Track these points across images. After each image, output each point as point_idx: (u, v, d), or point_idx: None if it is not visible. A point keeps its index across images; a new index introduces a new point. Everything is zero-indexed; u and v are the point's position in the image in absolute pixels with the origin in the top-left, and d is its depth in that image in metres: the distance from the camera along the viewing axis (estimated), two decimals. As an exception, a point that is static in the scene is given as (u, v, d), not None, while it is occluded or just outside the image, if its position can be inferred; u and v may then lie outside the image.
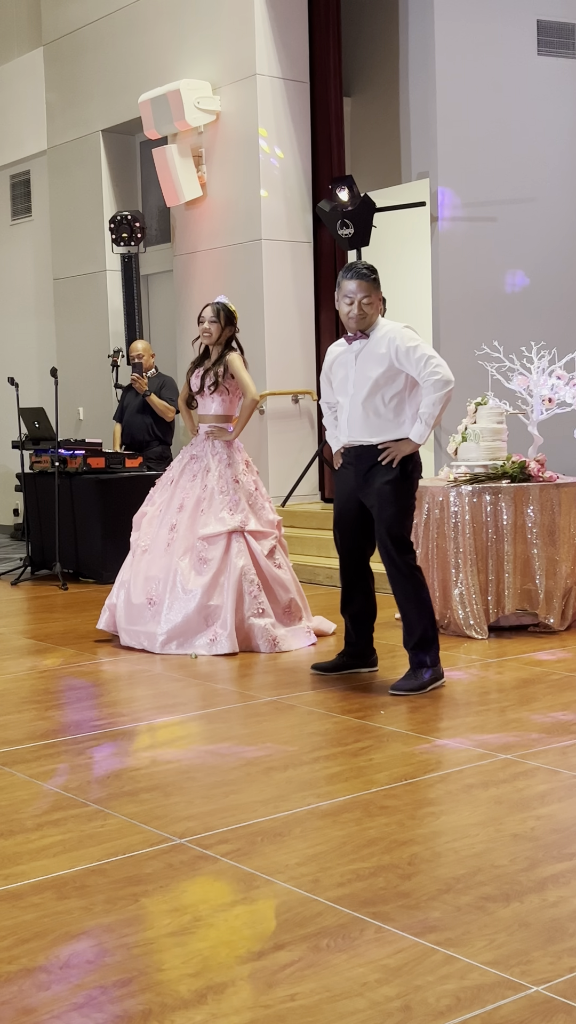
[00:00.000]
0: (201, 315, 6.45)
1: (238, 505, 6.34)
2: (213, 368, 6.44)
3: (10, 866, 3.38)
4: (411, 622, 5.34)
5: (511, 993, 2.57)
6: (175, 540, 6.34)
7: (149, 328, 11.33)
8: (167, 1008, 2.54)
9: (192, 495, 6.40)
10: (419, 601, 5.33)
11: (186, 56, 10.16)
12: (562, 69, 10.06)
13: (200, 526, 6.30)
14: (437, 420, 5.22)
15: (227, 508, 6.32)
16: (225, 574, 6.23)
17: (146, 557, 6.42)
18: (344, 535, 5.50)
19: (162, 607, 6.26)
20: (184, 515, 6.37)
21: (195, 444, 6.57)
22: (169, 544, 6.36)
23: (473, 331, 9.18)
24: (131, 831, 3.63)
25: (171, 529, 6.39)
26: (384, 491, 5.27)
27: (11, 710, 5.19)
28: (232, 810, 3.79)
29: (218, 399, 6.46)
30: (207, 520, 6.30)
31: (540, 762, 4.20)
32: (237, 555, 6.24)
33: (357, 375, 5.32)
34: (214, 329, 6.41)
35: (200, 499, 6.37)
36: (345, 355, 5.40)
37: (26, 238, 12.63)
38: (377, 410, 5.27)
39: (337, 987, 2.62)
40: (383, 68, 10.04)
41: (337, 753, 4.39)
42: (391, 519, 5.27)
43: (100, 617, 6.64)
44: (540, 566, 6.47)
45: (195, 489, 6.41)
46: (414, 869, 3.27)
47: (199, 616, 6.18)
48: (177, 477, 6.54)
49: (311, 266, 9.96)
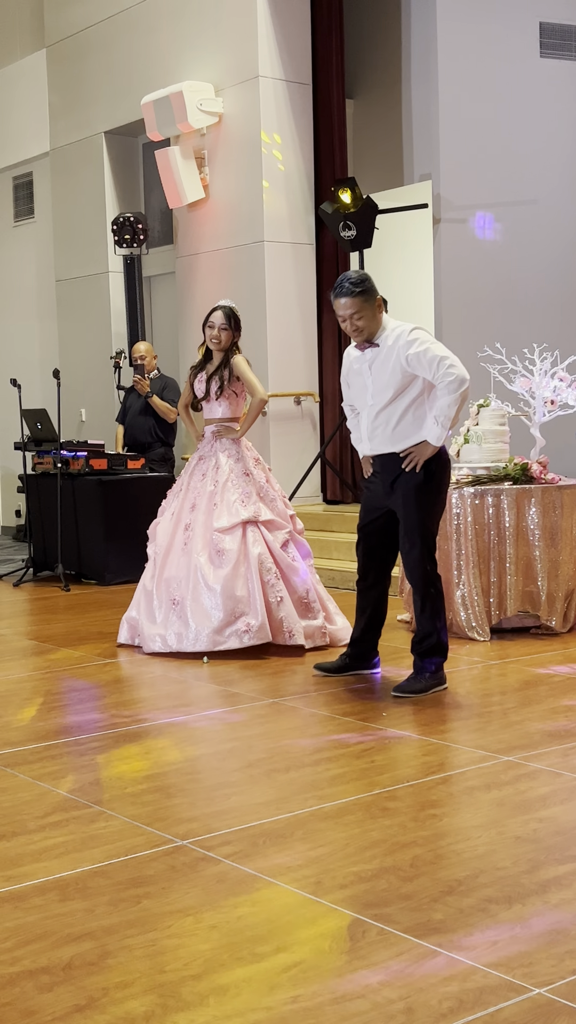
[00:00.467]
0: (211, 320, 6.37)
1: (250, 497, 6.30)
2: (218, 373, 6.42)
3: (12, 868, 3.38)
4: (424, 628, 5.33)
5: (513, 995, 2.57)
6: (192, 539, 6.29)
7: (151, 330, 11.34)
8: (169, 1010, 2.55)
9: (204, 493, 6.36)
10: (432, 608, 5.32)
11: (189, 58, 10.17)
12: (564, 71, 10.06)
13: (214, 520, 6.27)
14: (454, 420, 5.17)
15: (239, 500, 6.28)
16: (245, 564, 6.16)
17: (168, 560, 6.36)
18: (368, 540, 5.48)
19: (187, 606, 6.20)
20: (198, 513, 6.33)
21: (202, 447, 6.55)
22: (186, 543, 6.31)
23: (475, 333, 9.18)
24: (133, 833, 3.63)
25: (186, 529, 6.35)
26: (410, 496, 5.24)
27: (13, 711, 5.19)
28: (234, 812, 3.79)
29: (224, 403, 6.45)
30: (220, 513, 6.27)
31: (542, 764, 4.20)
32: (253, 544, 6.20)
33: (374, 385, 5.28)
34: (224, 336, 6.37)
35: (212, 494, 6.33)
36: (359, 362, 5.36)
37: (29, 240, 12.64)
38: (397, 419, 5.23)
39: (339, 989, 2.62)
40: (385, 70, 10.05)
41: (339, 755, 4.39)
42: (414, 520, 5.25)
43: (120, 632, 6.57)
44: (542, 568, 6.47)
45: (206, 487, 6.38)
46: (416, 871, 3.26)
47: (227, 608, 6.10)
48: (187, 480, 6.51)
49: (313, 268, 9.97)
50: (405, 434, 5.25)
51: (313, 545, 8.90)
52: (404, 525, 5.29)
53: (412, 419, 5.23)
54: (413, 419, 5.23)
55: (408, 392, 5.22)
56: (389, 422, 5.25)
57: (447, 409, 5.12)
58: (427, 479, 5.24)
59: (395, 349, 5.19)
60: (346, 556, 8.56)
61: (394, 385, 5.21)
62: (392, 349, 5.20)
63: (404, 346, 5.16)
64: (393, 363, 5.20)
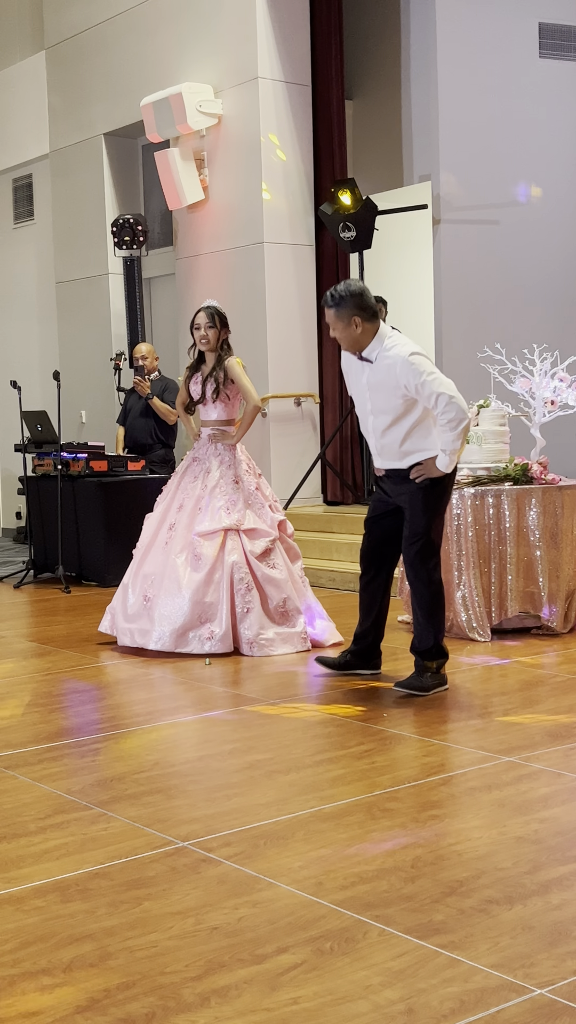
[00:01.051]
0: (196, 321, 6.44)
1: (236, 505, 6.35)
2: (213, 375, 6.43)
3: (13, 869, 3.37)
4: (422, 630, 5.34)
5: (515, 996, 2.56)
6: (173, 538, 6.38)
7: (151, 331, 11.34)
8: (170, 1011, 2.54)
9: (192, 495, 6.43)
10: (433, 610, 5.33)
11: (188, 59, 10.17)
12: (564, 71, 10.07)
13: (197, 524, 6.32)
14: (460, 451, 5.22)
15: (224, 507, 6.33)
16: (220, 571, 6.23)
17: (147, 556, 6.46)
18: (374, 527, 5.51)
19: (156, 603, 6.28)
20: (183, 514, 6.41)
21: (197, 448, 6.59)
22: (167, 543, 6.40)
23: (475, 333, 9.18)
24: (134, 834, 3.63)
25: (170, 528, 6.43)
26: (417, 498, 5.27)
27: (14, 712, 5.19)
28: (235, 813, 3.79)
29: (220, 406, 6.47)
30: (203, 518, 6.32)
31: (543, 765, 4.20)
32: (230, 552, 6.25)
33: (373, 404, 5.29)
34: (211, 334, 6.40)
35: (199, 498, 6.40)
36: (356, 370, 5.35)
37: (28, 242, 12.64)
38: (403, 438, 5.24)
39: (340, 990, 2.61)
40: (385, 71, 10.05)
41: (340, 756, 4.39)
42: (420, 524, 5.27)
43: (103, 619, 6.65)
44: (543, 568, 6.47)
45: (195, 489, 6.44)
46: (417, 872, 3.26)
47: (193, 613, 6.19)
48: (179, 480, 6.57)
49: (313, 269, 9.97)
50: (410, 452, 5.28)
51: (313, 546, 8.92)
52: (410, 526, 5.31)
53: (418, 436, 5.26)
54: (419, 436, 5.25)
55: (410, 415, 5.22)
56: (396, 442, 5.27)
57: (452, 444, 5.16)
58: (434, 483, 5.26)
59: (393, 373, 5.16)
60: (346, 557, 8.56)
61: (395, 409, 5.22)
62: (390, 372, 5.17)
63: (402, 373, 5.13)
64: (391, 387, 5.19)
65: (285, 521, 6.53)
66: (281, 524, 6.48)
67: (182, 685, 5.67)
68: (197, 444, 6.59)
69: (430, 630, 5.32)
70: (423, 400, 5.14)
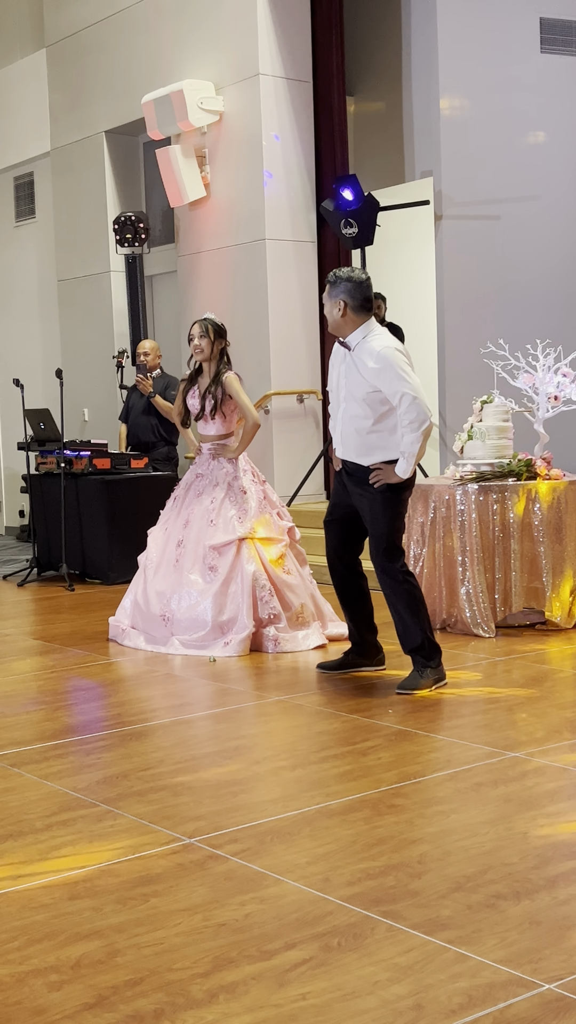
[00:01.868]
0: (190, 333, 6.48)
1: (247, 514, 6.38)
2: (211, 390, 6.44)
3: (21, 867, 3.38)
4: (407, 627, 5.33)
5: (523, 991, 2.57)
6: (183, 555, 6.38)
7: (153, 329, 11.33)
8: (178, 1008, 2.54)
9: (199, 510, 6.43)
10: (413, 607, 5.32)
11: (189, 56, 10.16)
12: (565, 67, 10.05)
13: (208, 537, 6.33)
14: (419, 455, 5.17)
15: (236, 517, 6.35)
16: (236, 582, 6.24)
17: (158, 574, 6.45)
18: (331, 532, 5.52)
19: (174, 622, 6.30)
20: (191, 530, 6.41)
21: (199, 463, 6.60)
22: (178, 560, 6.40)
23: (478, 329, 9.17)
24: (141, 831, 3.63)
25: (178, 545, 6.43)
26: (376, 503, 5.26)
27: (19, 711, 5.20)
28: (241, 810, 3.79)
29: (218, 421, 6.49)
30: (216, 531, 6.33)
31: (549, 760, 4.19)
32: (248, 561, 6.26)
33: (346, 390, 5.30)
34: (205, 344, 6.42)
35: (208, 511, 6.40)
36: (339, 358, 5.38)
37: (30, 240, 12.64)
38: (367, 431, 5.23)
39: (348, 986, 2.61)
40: (386, 67, 10.04)
41: (346, 752, 4.39)
42: (382, 528, 5.27)
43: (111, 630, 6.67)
44: (547, 564, 6.46)
45: (202, 504, 6.45)
46: (424, 868, 3.26)
47: (213, 630, 6.20)
48: (183, 496, 6.57)
49: (315, 265, 9.96)
50: (373, 447, 5.25)
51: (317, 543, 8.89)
52: (370, 531, 5.32)
53: (382, 433, 5.23)
54: (383, 433, 5.23)
55: (377, 405, 5.20)
56: (359, 433, 5.25)
57: (411, 446, 5.14)
58: (390, 488, 5.24)
59: (370, 361, 5.16)
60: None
61: (362, 397, 5.21)
62: (366, 360, 5.18)
63: (379, 366, 5.13)
64: (360, 376, 5.21)
65: (293, 528, 6.54)
66: (290, 531, 6.50)
67: (187, 682, 5.67)
68: (199, 459, 6.59)
69: (417, 627, 5.31)
70: (388, 395, 5.13)
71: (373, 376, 5.15)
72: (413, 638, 5.32)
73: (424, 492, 6.66)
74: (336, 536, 5.50)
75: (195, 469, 6.61)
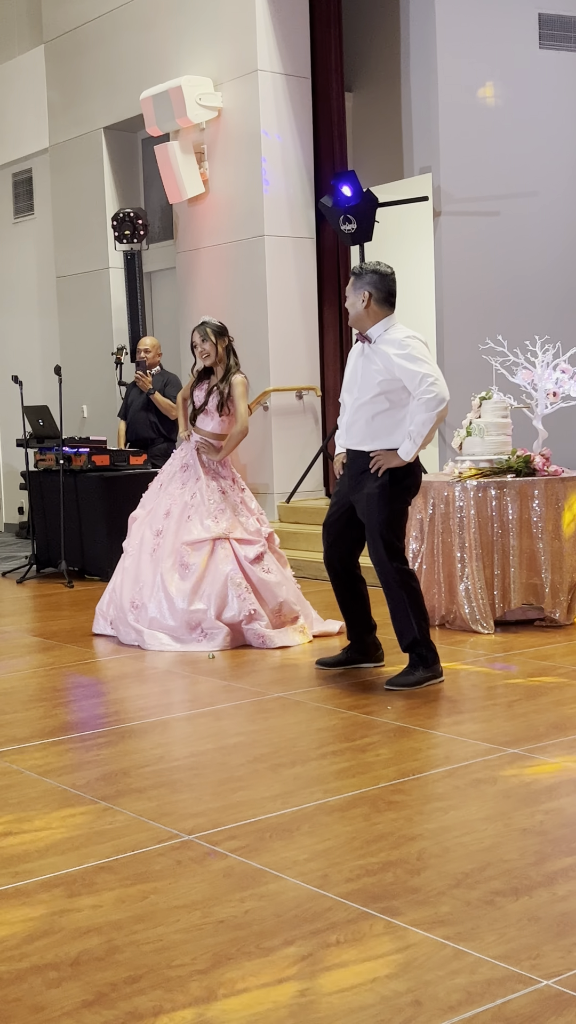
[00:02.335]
0: (192, 341, 6.47)
1: (223, 513, 6.39)
2: (219, 387, 6.46)
3: (19, 864, 3.38)
4: (403, 626, 5.33)
5: (521, 987, 2.57)
6: (161, 546, 6.41)
7: (152, 325, 11.33)
8: (178, 1005, 2.55)
9: (179, 501, 6.46)
10: (411, 606, 5.31)
11: (187, 52, 10.15)
12: (564, 62, 10.04)
13: (184, 533, 6.34)
14: (427, 439, 5.14)
15: (212, 516, 6.37)
16: (207, 580, 6.25)
17: (137, 562, 6.49)
18: (329, 535, 5.51)
19: (145, 612, 6.33)
20: (171, 521, 6.43)
21: (185, 450, 6.60)
22: (155, 549, 6.43)
23: (477, 325, 9.17)
24: (140, 828, 3.63)
25: (157, 534, 6.46)
26: (373, 496, 5.24)
27: (18, 708, 5.20)
28: (240, 806, 3.79)
29: (219, 419, 6.50)
30: (192, 527, 6.35)
31: (548, 756, 4.20)
32: (223, 561, 6.28)
33: (361, 379, 5.30)
34: (209, 348, 6.42)
35: (187, 505, 6.43)
36: (356, 353, 5.41)
37: (29, 236, 12.63)
38: (373, 416, 5.24)
39: (347, 982, 2.62)
40: (384, 63, 10.03)
41: (344, 749, 4.39)
42: (380, 524, 5.24)
43: (95, 622, 6.75)
44: (546, 560, 6.46)
45: (183, 496, 6.48)
46: (423, 864, 3.27)
47: (180, 621, 6.22)
48: (167, 483, 6.59)
49: (314, 262, 9.95)
50: (378, 433, 5.25)
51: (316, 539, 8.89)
52: (367, 526, 5.30)
53: (389, 421, 5.23)
54: (390, 421, 5.23)
55: (391, 395, 5.21)
56: (366, 417, 5.26)
57: (421, 427, 5.11)
58: (392, 483, 5.23)
59: (387, 350, 5.19)
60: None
61: (377, 384, 5.22)
62: (385, 349, 5.20)
63: (397, 350, 5.16)
64: (381, 362, 5.21)
65: (272, 533, 6.54)
66: (269, 536, 6.49)
67: (186, 679, 5.67)
68: (185, 446, 6.59)
69: (412, 625, 5.30)
70: (407, 379, 5.12)
71: (395, 363, 5.14)
72: (406, 636, 5.32)
73: (423, 489, 6.65)
74: (334, 537, 5.49)
75: (182, 458, 6.60)
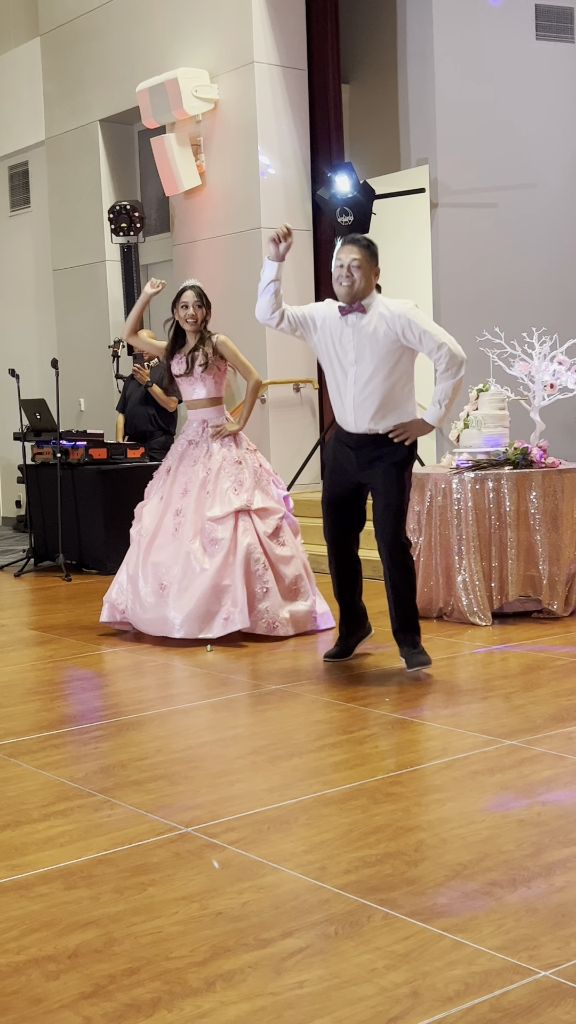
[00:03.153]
0: (183, 300, 6.33)
1: (243, 485, 6.29)
2: (199, 348, 6.34)
3: (17, 856, 3.38)
4: (408, 605, 5.36)
5: (519, 978, 2.57)
6: (183, 524, 6.28)
7: (149, 318, 11.31)
8: (176, 996, 2.55)
9: (195, 479, 6.34)
10: (414, 582, 5.41)
11: (183, 45, 10.13)
12: (561, 53, 10.03)
13: (207, 508, 6.25)
14: (452, 403, 5.19)
15: (232, 488, 6.27)
16: (234, 554, 6.18)
17: (154, 544, 6.36)
18: (335, 510, 5.43)
19: (172, 591, 6.20)
20: (189, 499, 6.32)
21: (188, 431, 6.51)
22: (177, 529, 6.29)
23: (474, 317, 9.16)
24: (138, 820, 3.63)
25: (176, 514, 6.33)
26: (391, 474, 5.23)
27: (16, 701, 5.20)
28: (238, 798, 3.80)
29: (209, 380, 6.37)
30: (213, 502, 6.26)
31: (545, 748, 4.20)
32: (243, 533, 6.20)
33: (356, 353, 5.18)
34: (199, 313, 6.35)
35: (205, 481, 6.31)
36: (338, 324, 5.22)
37: (25, 229, 12.61)
38: (383, 395, 5.18)
39: (345, 974, 2.62)
40: (381, 54, 10.01)
41: (342, 741, 4.40)
42: (402, 500, 5.26)
43: (104, 611, 6.58)
44: (543, 552, 6.47)
45: (198, 473, 6.35)
46: (421, 855, 3.27)
47: (214, 597, 6.12)
48: (176, 465, 6.48)
49: (311, 254, 9.95)
50: (391, 408, 5.22)
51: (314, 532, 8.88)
52: (384, 501, 5.25)
53: (400, 395, 5.22)
54: (401, 395, 5.22)
55: (396, 368, 5.18)
56: (376, 394, 5.18)
57: (450, 392, 5.14)
58: (409, 457, 5.26)
59: (391, 322, 5.12)
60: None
61: (382, 358, 5.16)
62: (386, 321, 5.13)
63: (403, 323, 5.11)
64: (384, 336, 5.14)
65: (288, 496, 6.52)
66: (285, 499, 6.47)
67: (184, 672, 5.67)
68: (188, 427, 6.53)
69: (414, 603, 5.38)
70: (425, 349, 5.12)
71: (405, 336, 5.12)
72: (411, 617, 5.36)
73: (420, 481, 6.65)
74: (340, 513, 5.43)
75: (185, 437, 6.51)
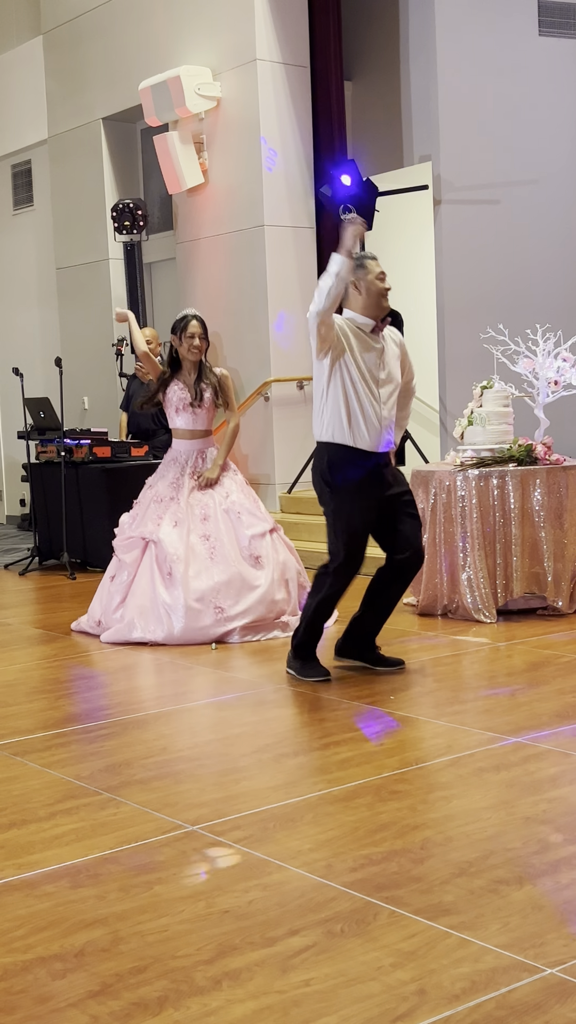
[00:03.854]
0: (190, 330, 6.32)
1: (258, 505, 6.49)
2: (208, 379, 6.42)
3: (24, 855, 3.39)
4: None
5: (525, 976, 2.57)
6: (218, 548, 6.25)
7: (152, 316, 11.32)
8: (182, 995, 2.55)
9: (212, 503, 6.36)
10: None
11: (186, 42, 10.13)
12: (563, 49, 10.01)
13: (243, 527, 6.33)
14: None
15: (257, 507, 6.46)
16: (279, 569, 6.34)
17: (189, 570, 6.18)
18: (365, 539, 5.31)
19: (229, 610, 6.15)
20: (215, 523, 6.30)
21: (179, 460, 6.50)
22: (213, 552, 6.24)
23: (478, 314, 9.15)
24: (143, 819, 3.63)
25: (206, 539, 6.28)
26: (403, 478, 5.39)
27: (21, 700, 5.20)
28: (244, 797, 3.80)
29: (207, 414, 6.48)
30: (251, 521, 6.37)
31: (551, 745, 4.20)
32: (280, 549, 6.42)
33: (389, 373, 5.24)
34: (203, 345, 6.42)
35: (226, 503, 6.36)
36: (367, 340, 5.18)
37: (28, 228, 12.61)
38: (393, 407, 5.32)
39: (352, 972, 2.62)
40: (384, 51, 10.00)
41: (347, 739, 4.40)
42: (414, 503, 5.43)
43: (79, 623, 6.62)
44: (548, 549, 6.46)
45: (214, 499, 6.38)
46: (426, 853, 3.27)
47: (269, 612, 6.25)
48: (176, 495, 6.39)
49: (314, 251, 9.93)
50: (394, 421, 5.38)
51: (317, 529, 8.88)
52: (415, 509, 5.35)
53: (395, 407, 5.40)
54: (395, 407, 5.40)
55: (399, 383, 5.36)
56: (393, 410, 5.31)
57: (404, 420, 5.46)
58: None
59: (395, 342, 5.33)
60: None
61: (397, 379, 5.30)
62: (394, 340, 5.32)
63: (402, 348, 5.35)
64: (394, 359, 5.30)
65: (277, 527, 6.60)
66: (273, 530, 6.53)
67: (189, 671, 5.67)
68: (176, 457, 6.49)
69: None
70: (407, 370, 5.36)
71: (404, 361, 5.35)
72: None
73: (425, 478, 6.66)
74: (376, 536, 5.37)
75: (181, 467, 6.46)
